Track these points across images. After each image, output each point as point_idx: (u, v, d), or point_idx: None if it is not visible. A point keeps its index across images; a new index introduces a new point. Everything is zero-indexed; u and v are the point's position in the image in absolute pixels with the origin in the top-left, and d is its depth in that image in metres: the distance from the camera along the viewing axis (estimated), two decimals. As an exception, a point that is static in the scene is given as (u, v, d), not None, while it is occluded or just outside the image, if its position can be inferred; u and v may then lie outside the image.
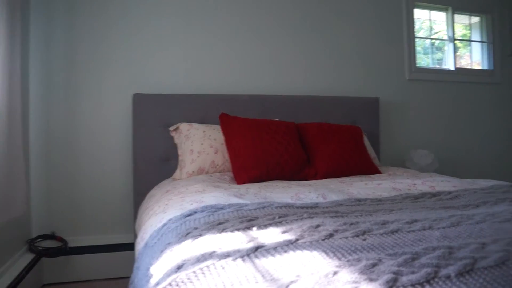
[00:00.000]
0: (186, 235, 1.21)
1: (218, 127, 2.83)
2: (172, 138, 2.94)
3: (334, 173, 2.63)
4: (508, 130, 4.36)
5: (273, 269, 0.91)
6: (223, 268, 0.94)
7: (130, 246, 2.83)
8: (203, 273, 0.94)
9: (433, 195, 1.82)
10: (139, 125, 2.93)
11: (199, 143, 2.72)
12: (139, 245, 1.57)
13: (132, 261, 1.73)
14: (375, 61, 3.75)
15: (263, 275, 0.88)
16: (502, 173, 4.23)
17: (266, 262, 0.95)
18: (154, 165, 2.93)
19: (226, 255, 1.00)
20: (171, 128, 2.93)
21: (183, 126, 2.87)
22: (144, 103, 2.94)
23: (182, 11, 3.22)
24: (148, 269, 1.15)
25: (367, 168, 2.77)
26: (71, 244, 2.90)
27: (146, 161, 2.92)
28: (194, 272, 0.95)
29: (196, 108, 3.04)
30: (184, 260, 1.03)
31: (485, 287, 0.80)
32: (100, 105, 3.03)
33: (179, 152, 2.83)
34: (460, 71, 4.14)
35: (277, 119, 2.97)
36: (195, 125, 2.87)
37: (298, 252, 0.98)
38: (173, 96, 3.01)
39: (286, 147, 2.57)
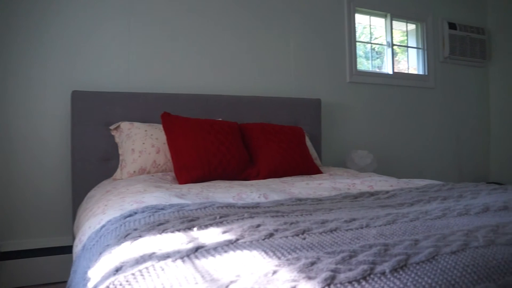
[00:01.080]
0: (126, 236, 1.18)
1: (160, 126, 2.79)
2: (112, 137, 2.87)
3: (276, 173, 2.66)
4: (441, 132, 4.57)
5: (213, 269, 0.90)
6: (162, 270, 0.93)
7: (69, 249, 2.73)
8: (142, 275, 0.92)
9: (371, 194, 1.88)
10: (78, 124, 2.83)
11: (140, 142, 2.67)
12: (77, 248, 1.52)
13: (70, 264, 1.67)
14: (317, 63, 3.82)
15: (203, 276, 0.88)
16: (436, 173, 4.44)
17: (206, 262, 0.94)
18: (94, 165, 2.84)
19: (166, 256, 0.99)
20: (111, 127, 2.85)
21: (124, 125, 2.81)
22: (84, 100, 2.85)
23: (123, 7, 3.15)
24: (85, 272, 1.12)
25: (308, 168, 2.82)
26: (4, 248, 2.76)
27: (85, 161, 2.83)
28: (133, 274, 0.93)
29: (138, 106, 2.97)
30: (123, 262, 1.00)
31: (417, 281, 0.84)
32: (36, 103, 2.90)
33: (120, 151, 2.76)
34: (397, 75, 4.30)
35: (220, 119, 2.97)
36: (136, 124, 2.81)
37: (238, 252, 0.98)
38: (114, 94, 2.94)
39: (229, 147, 2.57)
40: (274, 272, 0.87)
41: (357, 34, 4.18)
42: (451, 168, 4.69)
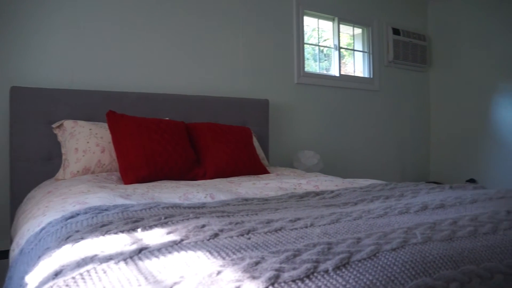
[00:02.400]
0: (67, 238, 1.15)
1: (106, 125, 2.71)
2: (55, 135, 2.77)
3: (224, 173, 2.66)
4: (385, 134, 4.72)
5: (157, 271, 0.89)
6: (104, 272, 0.91)
7: (6, 254, 2.61)
8: (83, 278, 0.89)
9: (317, 194, 1.91)
10: (17, 121, 2.71)
11: (84, 141, 2.59)
12: (14, 252, 1.46)
13: (6, 271, 1.59)
14: (266, 64, 3.85)
15: (146, 278, 0.87)
16: (380, 173, 4.58)
17: (149, 264, 0.93)
18: (35, 165, 2.73)
19: (108, 259, 0.96)
20: (54, 125, 2.75)
21: (68, 123, 2.71)
22: (24, 97, 2.73)
23: (66, 0, 3.04)
24: (23, 278, 1.07)
25: (256, 168, 2.84)
26: None
27: (25, 160, 2.71)
28: (73, 278, 0.90)
29: (82, 104, 2.88)
30: (63, 266, 0.97)
31: (358, 278, 0.86)
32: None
33: (63, 150, 2.67)
34: (344, 78, 4.40)
35: (168, 119, 2.93)
36: (80, 122, 2.72)
37: (183, 252, 0.98)
38: (57, 91, 2.83)
39: (175, 147, 2.54)
40: (219, 273, 0.87)
41: (306, 36, 4.25)
42: (394, 168, 4.85)
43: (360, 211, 1.45)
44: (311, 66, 4.35)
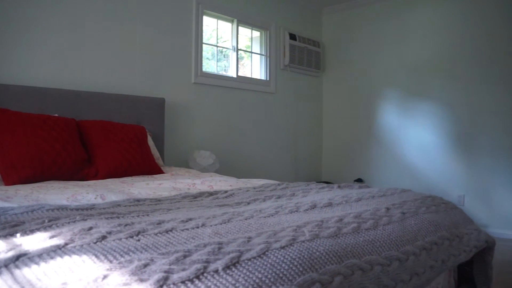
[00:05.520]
0: None
1: (-16, 121, 2.49)
2: None
3: (116, 173, 2.57)
4: (280, 135, 4.87)
5: (36, 279, 0.83)
6: (-28, 284, 0.83)
7: None
8: None
9: (211, 194, 1.92)
10: None
11: (-42, 138, 2.36)
12: None
13: None
14: (163, 62, 3.78)
15: (23, 287, 0.81)
16: (275, 173, 4.71)
17: (28, 272, 0.87)
18: None
19: (-22, 268, 0.89)
20: None
21: None
22: None
23: None
24: None
25: (150, 168, 2.78)
26: None
27: None
28: None
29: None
30: None
31: (248, 277, 0.88)
32: None
33: None
34: (241, 79, 4.46)
35: (56, 115, 2.76)
36: (-47, 117, 2.47)
37: (66, 257, 0.93)
38: None
39: (64, 145, 2.40)
40: (105, 277, 0.83)
41: (206, 37, 4.24)
42: (288, 169, 5.02)
43: (252, 210, 1.48)
44: (210, 66, 4.35)
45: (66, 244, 1.01)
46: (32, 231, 1.12)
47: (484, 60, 4.14)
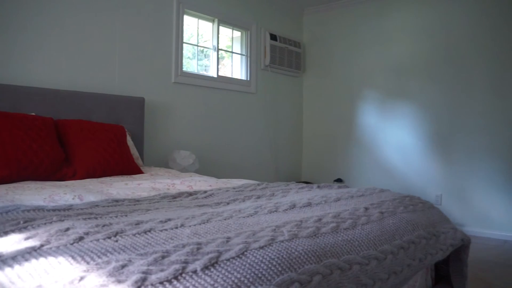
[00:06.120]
0: None
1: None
2: None
3: (95, 173, 2.54)
4: (261, 135, 4.88)
5: (9, 282, 0.82)
6: None
7: None
8: None
9: (190, 194, 1.91)
10: None
11: None
12: None
13: None
14: (143, 61, 3.74)
15: (-4, 289, 0.79)
16: (255, 173, 4.72)
17: (1, 274, 0.85)
18: None
19: None
20: None
21: None
22: None
23: None
24: None
25: (129, 168, 2.75)
26: None
27: None
28: None
29: None
30: None
31: (227, 277, 0.88)
32: None
33: None
34: (221, 79, 4.45)
35: (34, 114, 2.71)
36: None
37: (42, 259, 0.91)
38: None
39: (42, 145, 2.36)
40: (81, 278, 0.82)
41: (187, 36, 4.22)
42: (269, 169, 5.03)
43: (232, 210, 1.48)
44: (191, 65, 4.33)
45: (41, 245, 0.99)
46: (6, 233, 1.10)
47: (461, 62, 4.21)
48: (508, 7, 3.98)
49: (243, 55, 4.76)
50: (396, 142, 4.67)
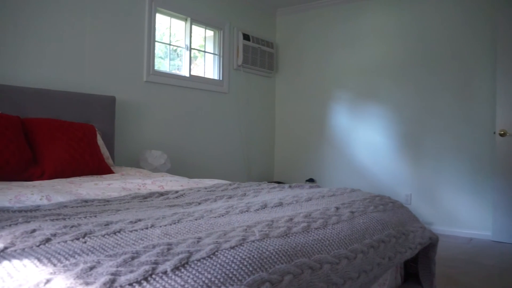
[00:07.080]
0: None
1: None
2: None
3: (64, 173, 2.49)
4: (233, 135, 4.87)
5: (-29, 285, 0.79)
6: None
7: None
8: None
9: (161, 194, 1.89)
10: None
11: None
12: None
13: None
14: (114, 60, 3.68)
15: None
16: (228, 173, 4.71)
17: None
18: None
19: None
20: None
21: None
22: None
23: None
24: None
25: (99, 168, 2.71)
26: None
27: None
28: None
29: None
30: None
31: (197, 277, 0.87)
32: None
33: None
34: (193, 78, 4.42)
35: (-1, 113, 2.64)
36: None
37: (5, 262, 0.89)
38: None
39: (7, 144, 2.30)
40: (48, 281, 0.81)
41: (159, 35, 4.17)
42: (241, 169, 5.03)
43: (203, 210, 1.47)
44: (163, 65, 4.29)
45: (5, 248, 0.97)
46: (-31, 235, 1.07)
47: (430, 65, 4.30)
48: (477, 12, 4.08)
49: (216, 54, 4.75)
50: (367, 142, 4.73)
